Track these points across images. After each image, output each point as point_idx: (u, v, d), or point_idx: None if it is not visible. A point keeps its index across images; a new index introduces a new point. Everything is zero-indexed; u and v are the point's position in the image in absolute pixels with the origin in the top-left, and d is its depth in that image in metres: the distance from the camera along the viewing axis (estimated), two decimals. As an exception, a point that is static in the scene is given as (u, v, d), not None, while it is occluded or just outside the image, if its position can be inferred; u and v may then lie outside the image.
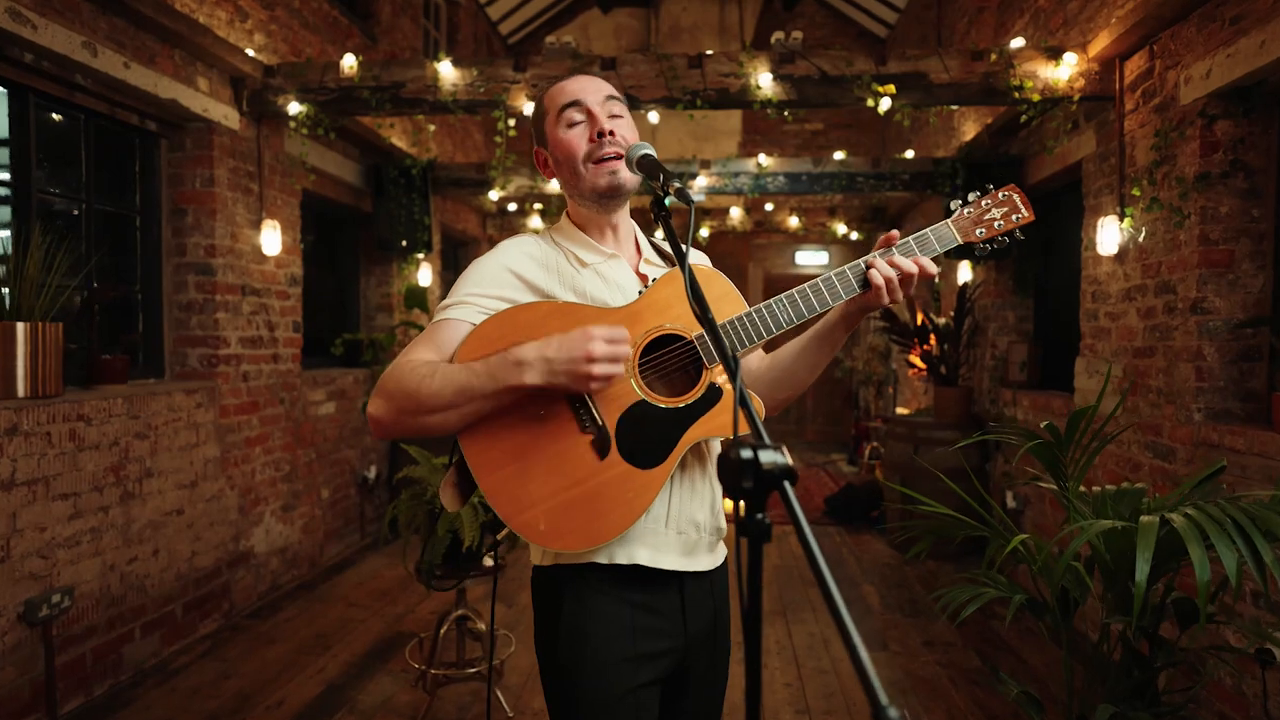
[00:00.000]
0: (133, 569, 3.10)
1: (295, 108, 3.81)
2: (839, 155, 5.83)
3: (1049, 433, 1.86)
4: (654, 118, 4.36)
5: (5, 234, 2.99)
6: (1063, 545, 2.30)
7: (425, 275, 5.86)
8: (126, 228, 3.59)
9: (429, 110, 3.85)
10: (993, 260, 4.83)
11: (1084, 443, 1.88)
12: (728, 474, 0.68)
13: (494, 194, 6.09)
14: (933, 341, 5.26)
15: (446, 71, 3.73)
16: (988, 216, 1.28)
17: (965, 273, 5.33)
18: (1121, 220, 3.34)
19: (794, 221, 8.05)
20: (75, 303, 3.13)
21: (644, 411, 1.16)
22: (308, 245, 4.75)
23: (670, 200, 1.09)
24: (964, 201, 1.29)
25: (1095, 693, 1.82)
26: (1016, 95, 3.54)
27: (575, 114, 1.24)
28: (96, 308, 3.17)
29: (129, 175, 3.58)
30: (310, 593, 4.14)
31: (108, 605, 2.97)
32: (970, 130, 5.22)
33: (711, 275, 1.26)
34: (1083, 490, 1.92)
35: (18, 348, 2.61)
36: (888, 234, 1.24)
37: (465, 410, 1.10)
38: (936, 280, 5.70)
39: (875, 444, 6.74)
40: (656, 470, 1.15)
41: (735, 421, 0.82)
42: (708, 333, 0.97)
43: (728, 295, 1.25)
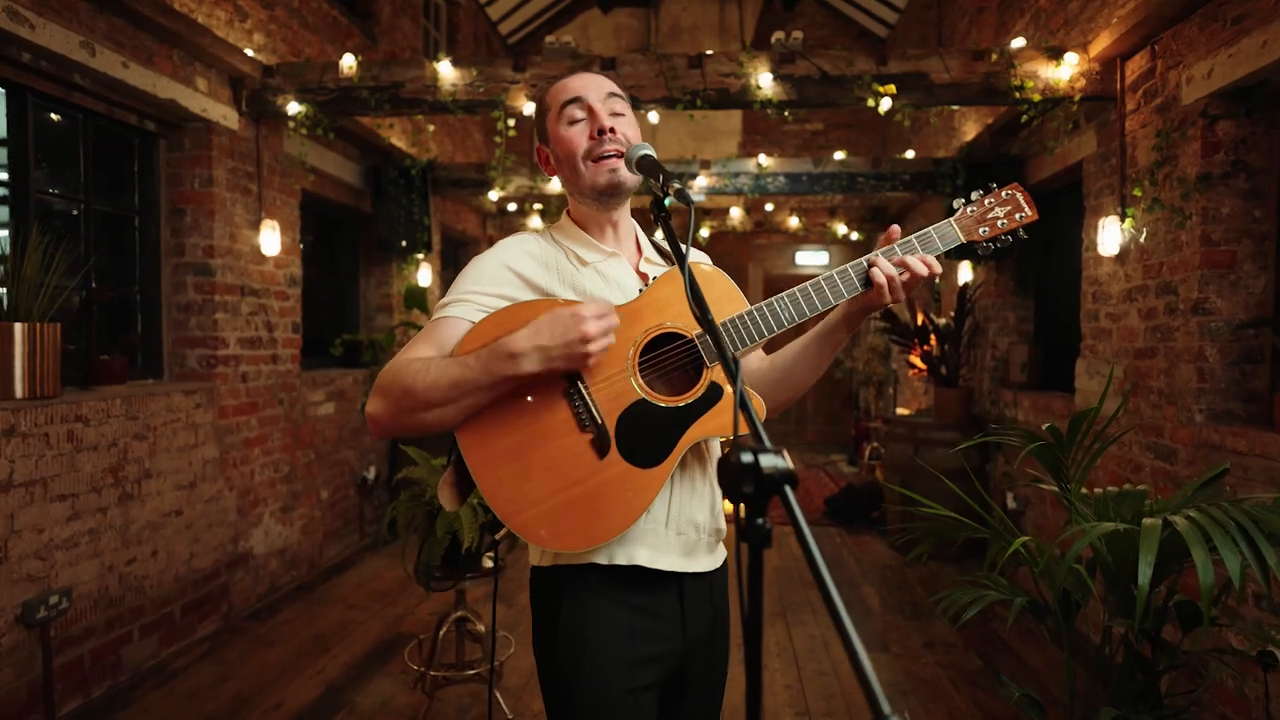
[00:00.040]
0: (131, 570, 3.09)
1: (294, 108, 3.80)
2: (839, 155, 5.82)
3: (1051, 435, 1.85)
4: (654, 118, 4.35)
5: (3, 234, 2.98)
6: (1064, 548, 2.29)
7: (425, 276, 5.85)
8: (125, 228, 3.59)
9: (428, 110, 3.85)
10: (994, 261, 4.82)
11: (1086, 444, 1.87)
12: (728, 478, 0.67)
13: (494, 194, 6.09)
14: (933, 342, 5.25)
15: (446, 71, 3.72)
16: (991, 215, 1.28)
17: (966, 273, 5.32)
18: (1123, 221, 3.33)
19: (794, 222, 8.05)
20: (73, 303, 3.12)
21: (644, 410, 1.15)
22: (307, 246, 4.75)
23: (670, 201, 1.09)
24: (967, 200, 1.28)
25: (1097, 695, 1.81)
26: (1017, 95, 3.54)
27: (576, 111, 1.23)
28: (95, 308, 3.16)
29: (127, 175, 3.57)
30: (309, 594, 4.13)
31: (106, 607, 2.96)
32: (971, 130, 5.21)
33: (712, 274, 1.25)
34: (1084, 492, 1.91)
35: (15, 348, 2.60)
36: (889, 230, 1.23)
37: (463, 404, 1.10)
38: (937, 281, 5.70)
39: (875, 444, 6.74)
40: (656, 470, 1.14)
41: (735, 423, 0.81)
42: (709, 335, 0.96)
43: (728, 294, 1.24)
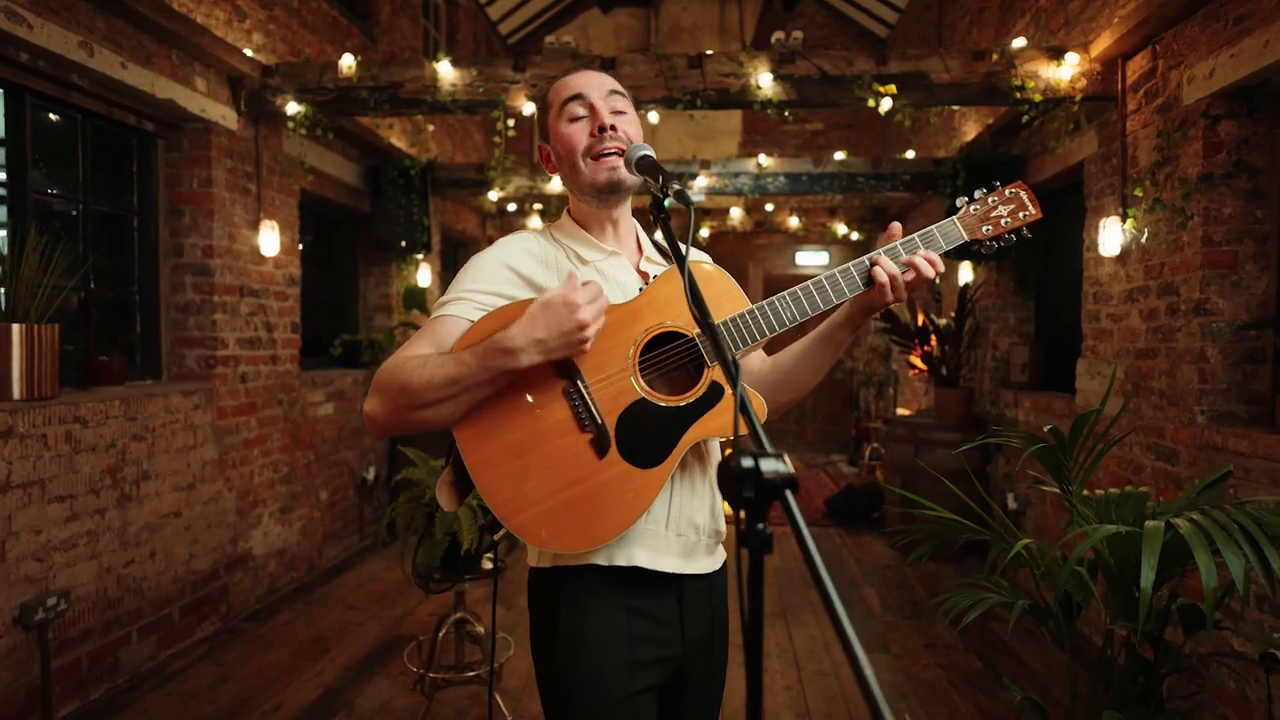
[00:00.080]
0: (129, 572, 3.08)
1: (293, 108, 3.79)
2: (839, 155, 5.81)
3: (1052, 436, 1.84)
4: (654, 118, 4.34)
5: (1, 234, 2.97)
6: (1066, 550, 2.28)
7: (424, 276, 5.84)
8: (124, 228, 3.58)
9: (428, 110, 3.84)
10: (994, 260, 4.82)
11: (1087, 446, 1.86)
12: (729, 483, 0.66)
13: (493, 194, 6.08)
14: (933, 342, 5.24)
15: (445, 71, 3.71)
16: (994, 214, 1.27)
17: (966, 273, 5.31)
18: (1124, 221, 3.32)
19: (794, 222, 8.04)
20: (72, 304, 3.11)
21: (644, 410, 1.14)
22: (306, 246, 4.74)
23: (669, 202, 1.08)
24: (971, 198, 1.28)
25: (1099, 698, 1.80)
26: (1018, 95, 3.53)
27: (577, 108, 1.22)
28: (93, 309, 3.15)
29: (126, 175, 3.56)
30: (308, 595, 4.12)
31: (104, 608, 2.95)
32: (971, 130, 5.20)
33: (713, 273, 1.24)
34: (1086, 494, 1.91)
35: (13, 349, 2.59)
36: (890, 227, 1.22)
37: (461, 400, 1.09)
38: (937, 281, 5.68)
39: (876, 445, 6.73)
40: (656, 470, 1.13)
41: (735, 424, 0.80)
42: (708, 338, 0.95)
43: (729, 293, 1.23)
